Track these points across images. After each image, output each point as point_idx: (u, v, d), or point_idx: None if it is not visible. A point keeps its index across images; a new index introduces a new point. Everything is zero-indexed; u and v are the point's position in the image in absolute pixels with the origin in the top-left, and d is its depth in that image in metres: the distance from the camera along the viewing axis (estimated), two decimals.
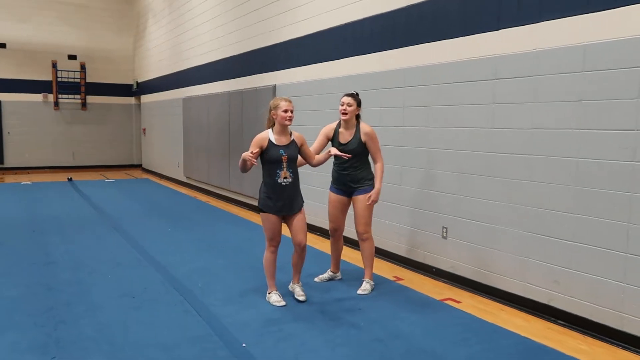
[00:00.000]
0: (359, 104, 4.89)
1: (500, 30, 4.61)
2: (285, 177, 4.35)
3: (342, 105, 4.83)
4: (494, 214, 4.73)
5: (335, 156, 4.82)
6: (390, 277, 5.42)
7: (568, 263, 4.11)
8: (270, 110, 4.40)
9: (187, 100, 12.49)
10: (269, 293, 4.57)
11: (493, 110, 4.70)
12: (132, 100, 17.82)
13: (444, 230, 5.31)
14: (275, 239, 4.49)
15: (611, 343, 3.79)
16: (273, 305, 4.44)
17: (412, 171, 5.66)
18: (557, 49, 4.13)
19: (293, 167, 4.42)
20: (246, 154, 4.16)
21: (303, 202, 4.57)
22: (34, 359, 3.41)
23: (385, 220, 6.04)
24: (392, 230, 6.00)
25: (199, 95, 11.70)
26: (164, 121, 14.61)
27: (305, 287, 4.70)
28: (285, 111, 4.33)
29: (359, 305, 4.51)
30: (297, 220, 4.49)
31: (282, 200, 4.38)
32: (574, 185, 4.05)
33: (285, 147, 4.36)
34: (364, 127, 4.88)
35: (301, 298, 4.53)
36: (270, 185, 4.36)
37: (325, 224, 6.77)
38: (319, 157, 4.63)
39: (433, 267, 5.48)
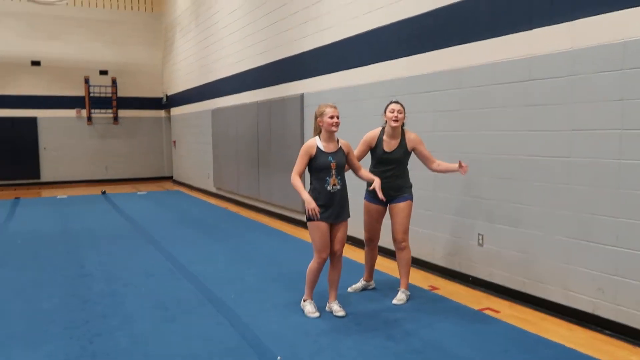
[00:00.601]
0: (405, 111, 4.80)
1: (534, 30, 4.48)
2: (334, 185, 4.29)
3: (393, 112, 4.67)
4: (533, 220, 4.58)
5: (375, 166, 4.79)
6: (425, 286, 5.30)
7: (613, 270, 3.94)
8: (316, 118, 4.36)
9: (215, 112, 12.59)
10: (304, 300, 4.51)
11: (529, 112, 4.56)
12: (162, 113, 18.09)
13: (480, 237, 5.16)
14: (326, 250, 4.34)
15: None
16: (307, 315, 4.37)
17: (446, 177, 5.54)
18: (595, 47, 3.98)
19: (341, 174, 4.35)
20: (312, 208, 4.17)
21: (349, 214, 4.47)
22: None
23: (418, 228, 5.92)
24: (427, 238, 5.88)
25: (227, 107, 11.78)
26: (193, 133, 14.76)
27: (339, 298, 4.61)
28: (332, 117, 4.28)
29: (395, 315, 4.41)
30: (341, 230, 4.41)
31: (332, 208, 4.30)
32: (616, 188, 3.88)
33: (333, 154, 4.31)
34: (409, 134, 4.79)
35: (340, 314, 4.39)
36: (319, 193, 4.28)
37: (356, 233, 6.69)
38: (364, 174, 4.50)
39: (469, 276, 5.34)
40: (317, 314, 4.38)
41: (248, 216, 10.05)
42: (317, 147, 4.30)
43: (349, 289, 5.12)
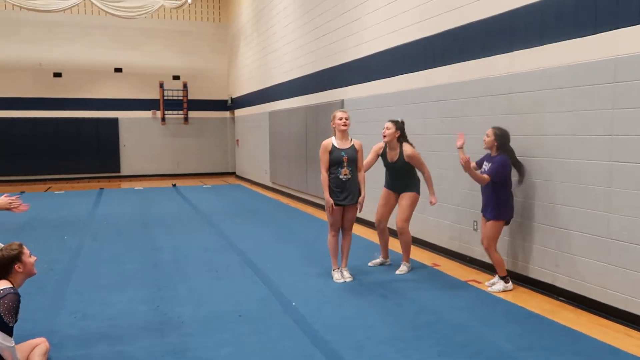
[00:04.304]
0: (398, 128, 5.84)
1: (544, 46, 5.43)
2: (345, 174, 5.45)
3: (383, 129, 5.86)
4: (518, 210, 5.52)
5: (386, 168, 5.95)
6: (429, 263, 6.35)
7: (566, 247, 4.87)
8: (332, 122, 5.56)
9: (272, 114, 13.99)
10: (333, 270, 5.69)
11: (509, 120, 5.52)
12: (227, 114, 19.79)
13: (475, 223, 6.15)
14: (336, 225, 5.60)
15: None
16: (335, 281, 5.51)
17: (451, 175, 6.55)
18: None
19: (352, 166, 5.50)
20: (329, 206, 5.42)
21: (359, 196, 5.58)
22: (145, 307, 4.79)
23: (428, 217, 6.96)
24: (434, 224, 6.91)
25: (282, 109, 13.15)
26: (253, 133, 16.27)
27: (355, 269, 5.77)
28: (340, 119, 5.49)
29: (394, 282, 5.53)
30: (350, 212, 5.60)
31: (344, 193, 5.47)
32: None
33: (345, 150, 5.48)
34: (407, 149, 5.81)
35: (349, 280, 5.57)
36: (333, 181, 5.47)
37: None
38: (361, 179, 5.54)
39: (467, 256, 6.33)
40: (342, 280, 5.54)
41: (297, 207, 11.34)
42: (333, 145, 5.48)
43: (370, 264, 6.24)
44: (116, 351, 3.80)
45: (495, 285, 5.27)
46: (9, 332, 3.31)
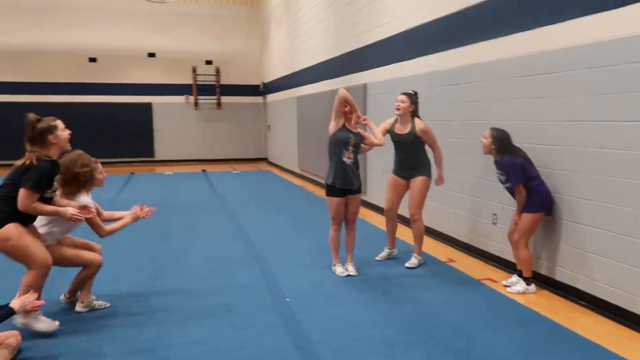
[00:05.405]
0: (412, 102, 5.47)
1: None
2: (349, 157, 5.13)
3: (397, 102, 5.47)
4: None
5: (395, 144, 5.58)
6: (443, 259, 5.91)
7: (596, 249, 4.37)
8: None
9: (300, 99, 13.67)
10: (334, 265, 5.37)
11: (530, 103, 5.02)
12: (259, 99, 19.59)
13: (494, 217, 5.67)
14: (338, 218, 5.26)
15: None
16: (338, 276, 5.20)
17: (467, 162, 6.07)
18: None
19: (356, 152, 5.18)
20: None
21: (361, 184, 5.28)
22: (131, 300, 4.58)
23: (447, 208, 6.51)
24: (452, 216, 6.45)
25: (308, 94, 12.80)
26: (283, 118, 16.01)
27: (360, 262, 5.45)
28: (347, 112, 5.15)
29: (401, 278, 5.14)
30: (353, 204, 5.25)
31: (345, 176, 5.13)
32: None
33: (353, 133, 5.15)
34: (419, 123, 5.46)
35: (353, 273, 5.24)
36: (335, 164, 5.15)
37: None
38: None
39: (485, 252, 5.87)
40: (346, 273, 5.22)
41: (321, 195, 11.00)
42: (344, 124, 5.14)
43: (377, 258, 5.87)
44: (84, 348, 3.60)
45: (515, 286, 4.78)
46: None
